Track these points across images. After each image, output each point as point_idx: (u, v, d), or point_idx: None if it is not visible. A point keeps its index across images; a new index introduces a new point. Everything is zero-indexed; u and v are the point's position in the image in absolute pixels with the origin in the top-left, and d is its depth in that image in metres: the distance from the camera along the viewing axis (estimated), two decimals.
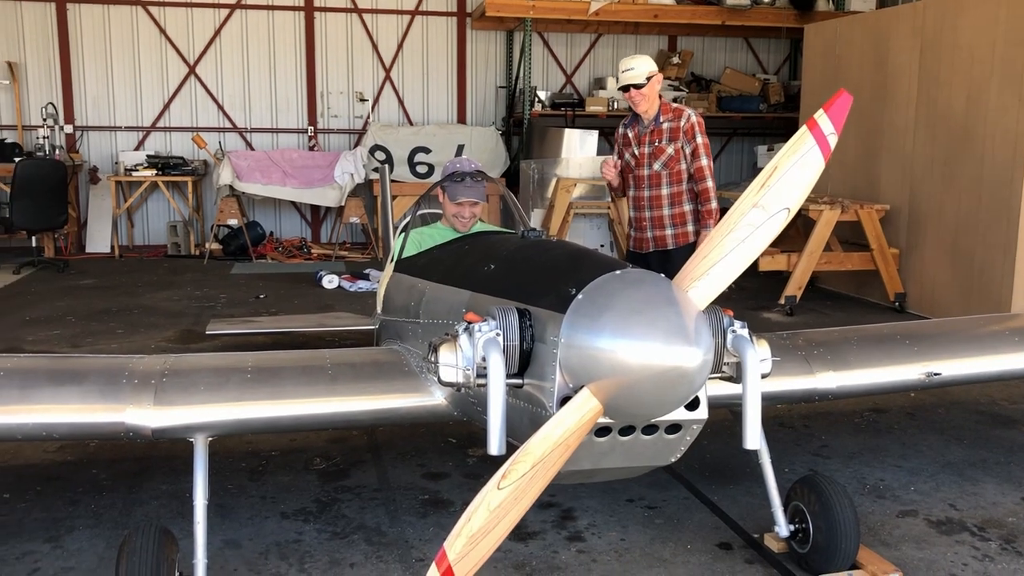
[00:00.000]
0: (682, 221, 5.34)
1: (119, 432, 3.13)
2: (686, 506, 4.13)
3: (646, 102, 5.27)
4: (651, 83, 5.23)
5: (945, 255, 7.99)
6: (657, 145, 5.29)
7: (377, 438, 4.94)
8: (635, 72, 5.21)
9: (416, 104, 12.79)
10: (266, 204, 12.18)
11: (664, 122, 5.29)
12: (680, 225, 5.35)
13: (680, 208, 5.33)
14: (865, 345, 3.91)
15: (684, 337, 2.27)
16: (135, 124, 12.10)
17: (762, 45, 13.67)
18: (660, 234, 5.38)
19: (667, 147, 5.27)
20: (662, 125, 5.29)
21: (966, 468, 4.63)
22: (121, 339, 7.09)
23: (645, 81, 5.21)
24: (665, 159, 5.28)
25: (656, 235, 5.39)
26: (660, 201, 5.34)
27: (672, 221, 5.35)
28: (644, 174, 5.35)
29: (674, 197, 5.31)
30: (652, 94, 5.27)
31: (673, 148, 5.26)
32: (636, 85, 5.20)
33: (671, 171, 5.29)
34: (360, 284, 9.32)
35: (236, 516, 3.94)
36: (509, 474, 2.29)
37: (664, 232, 5.37)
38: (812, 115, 2.51)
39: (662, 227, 5.37)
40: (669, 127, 5.27)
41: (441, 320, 3.32)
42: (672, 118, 5.28)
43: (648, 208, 5.39)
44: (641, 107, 5.29)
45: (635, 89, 5.21)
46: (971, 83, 7.64)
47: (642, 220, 5.45)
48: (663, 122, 5.29)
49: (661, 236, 5.38)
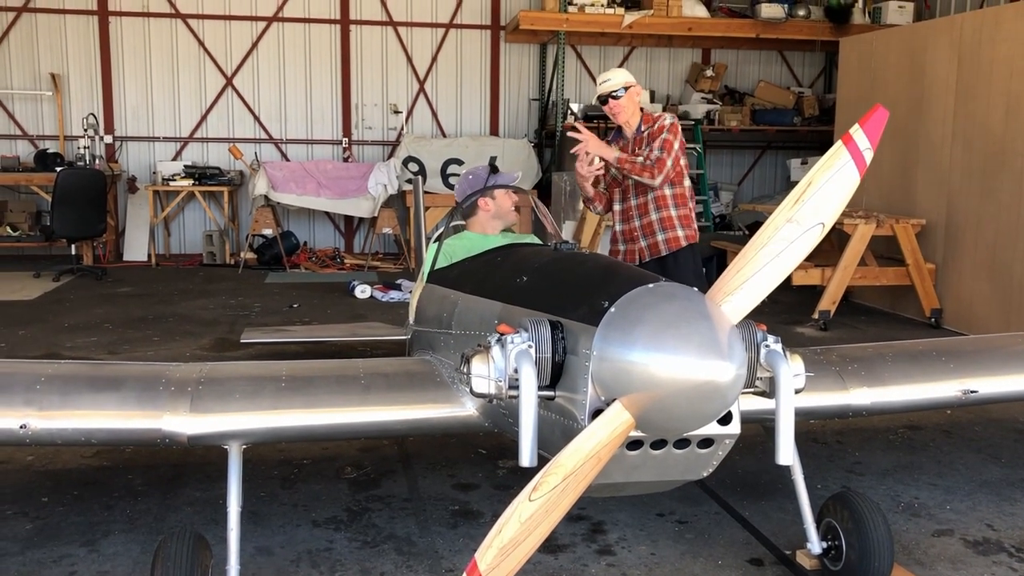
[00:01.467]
0: (671, 225, 5.25)
1: (156, 439, 3.17)
2: (717, 521, 4.10)
3: (625, 113, 5.24)
4: (629, 94, 5.21)
5: (983, 270, 7.88)
6: (638, 152, 5.23)
7: (408, 448, 4.96)
8: (611, 83, 5.20)
9: (449, 116, 12.87)
10: (300, 214, 12.31)
11: (645, 130, 5.25)
12: (669, 229, 5.25)
13: (668, 212, 5.25)
14: (900, 361, 3.87)
15: (717, 351, 2.27)
16: (173, 135, 12.29)
17: (797, 58, 13.60)
18: (653, 241, 5.27)
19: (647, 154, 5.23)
20: (643, 133, 5.25)
21: (1004, 487, 4.55)
22: (157, 346, 7.18)
23: (622, 91, 5.18)
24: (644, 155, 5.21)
25: (650, 243, 5.28)
26: (647, 207, 5.25)
27: (661, 226, 5.25)
28: (631, 184, 5.28)
29: (659, 200, 5.23)
30: (631, 105, 5.24)
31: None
32: (614, 95, 5.18)
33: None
34: (392, 294, 9.37)
35: (268, 523, 3.97)
36: (540, 486, 2.29)
37: (656, 239, 5.27)
38: (848, 129, 2.50)
39: (653, 234, 5.27)
40: (648, 133, 5.23)
41: (473, 331, 3.33)
42: (651, 124, 5.25)
43: (637, 217, 5.29)
44: (620, 118, 5.26)
45: (613, 100, 5.19)
46: (1009, 96, 7.54)
47: (632, 231, 5.34)
48: (644, 131, 5.25)
49: (654, 243, 5.27)
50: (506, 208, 4.54)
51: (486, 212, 4.53)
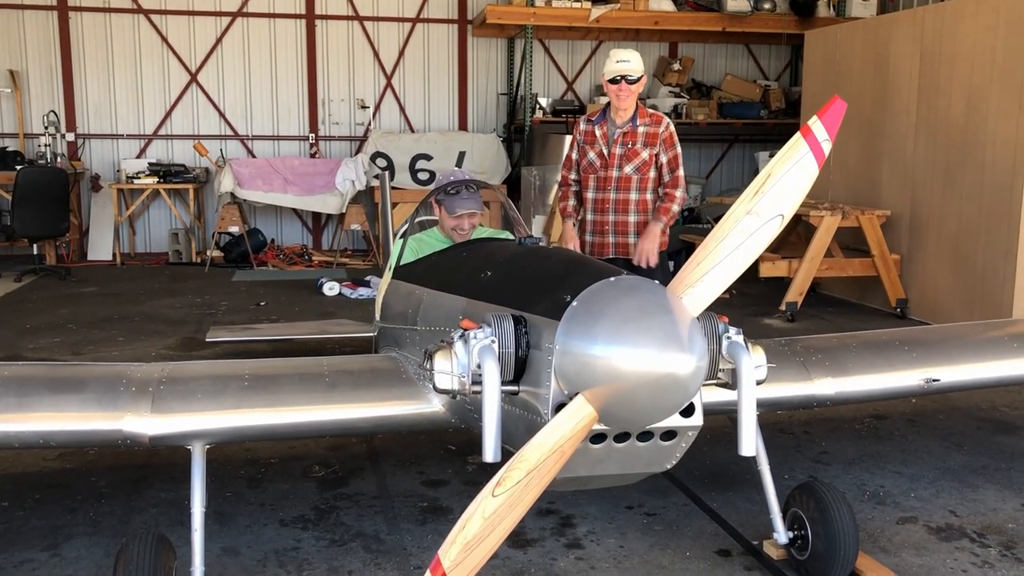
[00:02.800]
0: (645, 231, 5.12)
1: (117, 440, 3.13)
2: (685, 513, 4.12)
3: (631, 99, 5.03)
4: (641, 82, 5.03)
5: (946, 261, 7.98)
6: (631, 147, 5.07)
7: (376, 445, 4.93)
8: (631, 66, 4.95)
9: (417, 111, 12.81)
10: (267, 211, 12.20)
11: (641, 125, 5.07)
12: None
13: (645, 216, 5.12)
14: (864, 351, 3.90)
15: (678, 344, 2.27)
16: (137, 132, 12.12)
17: (763, 51, 13.68)
18: (623, 241, 5.15)
19: (642, 151, 5.05)
20: (638, 128, 5.07)
21: (967, 475, 4.61)
22: (122, 346, 7.09)
23: (638, 77, 4.99)
24: (638, 163, 5.06)
25: (619, 241, 5.16)
26: (627, 206, 5.11)
27: (637, 229, 5.12)
28: (612, 175, 5.10)
29: (640, 204, 5.11)
30: (637, 93, 5.06)
31: (648, 153, 5.05)
32: (630, 79, 4.96)
33: (642, 176, 5.08)
34: (361, 291, 9.32)
35: (234, 523, 3.93)
36: (504, 481, 2.28)
37: (627, 240, 5.14)
38: (805, 123, 2.51)
39: (625, 234, 5.14)
40: (645, 131, 5.07)
41: (438, 327, 3.32)
42: (650, 123, 5.07)
43: (612, 211, 5.14)
44: (624, 103, 5.02)
45: (627, 83, 4.96)
46: (971, 90, 7.64)
47: (603, 224, 5.17)
48: (639, 125, 5.07)
49: (623, 243, 5.15)
50: (447, 225, 4.38)
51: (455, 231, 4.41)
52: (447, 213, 4.34)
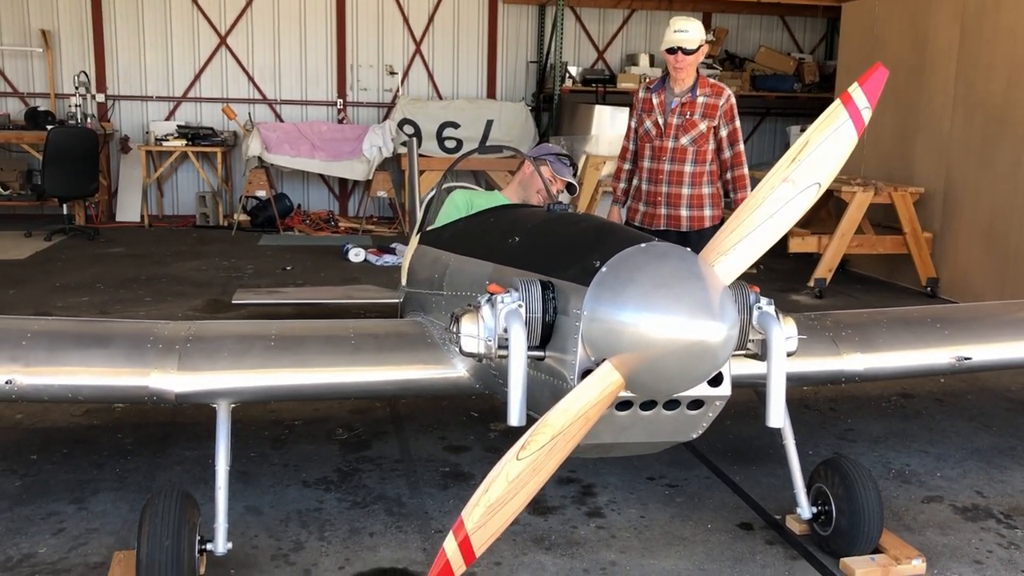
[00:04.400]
0: (699, 204, 5.04)
1: (143, 396, 3.15)
2: (707, 485, 4.10)
3: (688, 70, 4.92)
4: (700, 51, 4.90)
5: (980, 240, 7.85)
6: (689, 118, 4.97)
7: (399, 410, 4.95)
8: (689, 36, 4.82)
9: (446, 78, 12.72)
10: (294, 176, 12.21)
11: (701, 96, 4.96)
12: (697, 208, 5.04)
13: (699, 190, 5.03)
14: (894, 328, 3.85)
15: (709, 311, 2.24)
16: (166, 94, 12.14)
17: (798, 24, 13.45)
18: (675, 214, 5.06)
19: (700, 123, 4.95)
20: (697, 99, 4.96)
21: (994, 455, 4.56)
22: (149, 307, 7.15)
23: (696, 48, 4.86)
24: (695, 135, 4.96)
25: (671, 214, 5.07)
26: (681, 178, 5.01)
27: (690, 202, 5.02)
28: (668, 146, 5.01)
29: (696, 177, 5.01)
30: (697, 63, 4.94)
31: (706, 125, 4.95)
32: (686, 50, 4.84)
33: (699, 148, 4.98)
34: (386, 258, 9.32)
35: (258, 483, 3.96)
36: (528, 445, 2.27)
37: (679, 212, 5.05)
38: (845, 90, 2.45)
39: (678, 207, 5.05)
40: (705, 102, 4.96)
41: (465, 292, 3.30)
42: (711, 94, 4.96)
43: (666, 183, 5.05)
44: (683, 74, 4.93)
45: (683, 53, 4.84)
46: (1012, 65, 7.46)
47: (656, 195, 5.09)
48: (699, 96, 4.96)
49: (675, 216, 5.06)
50: (531, 184, 4.54)
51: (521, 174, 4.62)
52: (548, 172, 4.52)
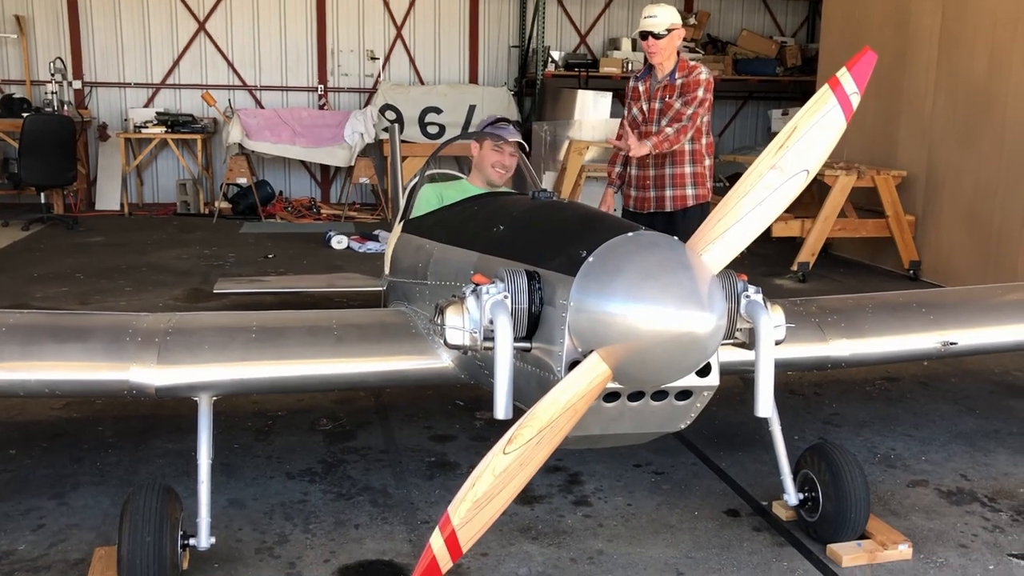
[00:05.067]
0: (681, 183, 5.14)
1: (123, 390, 3.10)
2: (694, 472, 4.10)
3: (662, 54, 5.04)
4: (671, 36, 5.01)
5: (962, 223, 7.87)
6: (667, 101, 5.07)
7: (384, 400, 4.91)
8: (656, 21, 4.99)
9: (427, 63, 12.63)
10: (275, 163, 12.10)
11: (679, 79, 5.06)
12: (679, 187, 5.14)
13: (681, 168, 5.12)
14: (880, 313, 3.84)
15: (697, 302, 2.21)
16: (144, 81, 11.98)
17: (780, 7, 13.43)
18: (660, 194, 5.18)
19: (675, 102, 5.04)
20: (676, 81, 5.06)
21: (978, 438, 4.58)
22: (129, 296, 7.07)
23: (665, 32, 4.98)
24: (672, 115, 5.05)
25: (658, 195, 5.19)
26: (662, 159, 5.12)
27: (672, 181, 5.14)
28: (651, 131, 5.12)
29: (677, 156, 5.10)
30: (670, 47, 5.04)
31: (681, 103, 5.04)
32: (655, 34, 4.99)
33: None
34: (369, 245, 9.26)
35: (241, 476, 3.92)
36: (515, 439, 2.24)
37: (663, 192, 5.17)
38: (833, 75, 2.42)
39: (662, 187, 5.16)
40: (682, 83, 5.05)
41: (449, 282, 3.26)
42: (686, 74, 5.05)
43: (652, 166, 5.16)
44: (656, 59, 5.07)
45: (653, 38, 4.99)
46: (993, 46, 7.47)
47: (645, 179, 5.22)
48: (678, 79, 5.06)
49: (661, 196, 5.18)
50: (486, 161, 4.29)
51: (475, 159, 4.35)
52: (491, 145, 4.27)
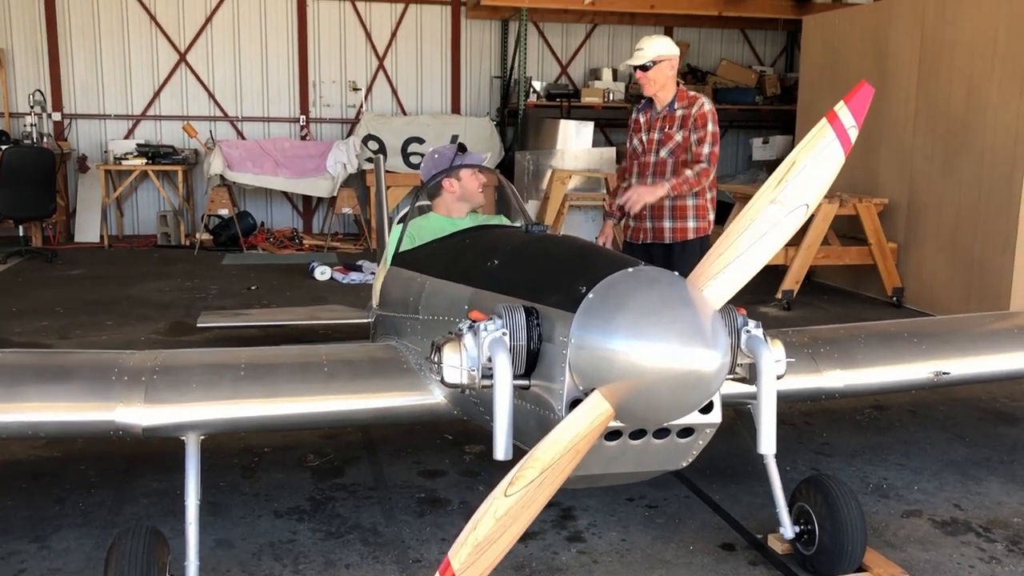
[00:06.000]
0: (682, 215, 5.09)
1: (109, 431, 3.04)
2: (687, 505, 4.05)
3: (652, 86, 5.04)
4: (659, 67, 4.99)
5: (944, 250, 7.93)
6: (666, 131, 5.05)
7: (372, 435, 4.84)
8: (641, 53, 5.01)
9: (410, 94, 12.66)
10: (257, 194, 12.05)
11: (678, 109, 5.04)
12: (680, 219, 5.10)
13: (683, 200, 5.07)
14: (872, 343, 3.84)
15: (702, 339, 2.19)
16: (125, 112, 11.93)
17: (758, 37, 13.58)
18: (659, 225, 5.14)
19: (676, 134, 5.02)
20: (675, 112, 5.04)
21: (970, 467, 4.56)
22: (111, 331, 6.97)
23: (650, 64, 4.98)
24: (672, 146, 5.04)
25: (655, 226, 5.15)
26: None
27: (672, 213, 5.09)
28: (650, 161, 5.13)
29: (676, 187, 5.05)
30: (660, 78, 5.03)
31: (682, 136, 5.01)
32: (641, 67, 5.01)
33: (676, 160, 5.05)
34: (353, 276, 9.21)
35: (228, 515, 3.84)
36: (516, 481, 2.20)
37: (662, 224, 5.13)
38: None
39: (661, 218, 5.12)
40: (682, 114, 5.02)
41: (442, 316, 3.22)
42: (686, 105, 5.02)
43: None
44: (648, 90, 5.08)
45: (640, 71, 5.02)
46: (972, 77, 7.57)
47: (643, 209, 5.15)
48: (677, 109, 5.04)
49: (659, 228, 5.14)
50: (472, 190, 4.33)
51: (451, 194, 4.33)
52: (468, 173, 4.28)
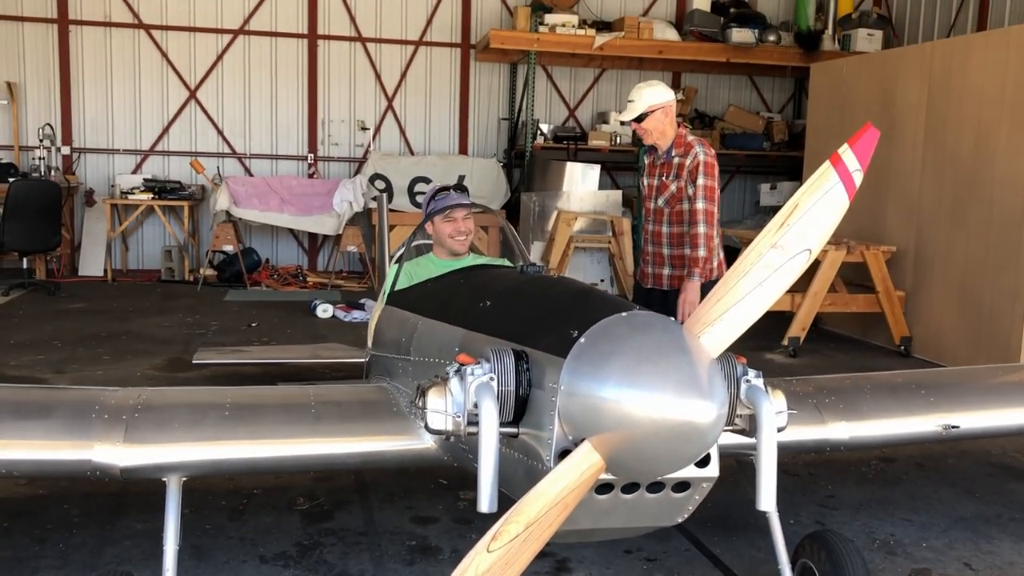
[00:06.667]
0: (680, 264, 5.00)
1: (85, 470, 2.94)
2: (687, 559, 3.92)
3: (650, 135, 4.98)
4: (653, 116, 4.90)
5: (952, 299, 7.82)
6: (663, 180, 5.01)
7: (364, 478, 4.72)
8: (633, 105, 4.93)
9: (418, 134, 12.69)
10: (263, 231, 12.03)
11: (675, 156, 4.97)
12: (679, 268, 5.00)
13: (679, 250, 5.00)
14: (878, 394, 3.73)
15: (698, 389, 2.09)
16: (133, 147, 11.98)
17: (766, 83, 13.61)
18: (659, 272, 5.12)
19: (671, 184, 4.96)
20: (673, 159, 4.98)
21: (979, 524, 4.42)
22: (107, 366, 6.89)
23: (643, 115, 4.90)
24: (668, 196, 4.99)
25: (655, 272, 5.14)
26: (660, 239, 5.08)
27: (671, 262, 5.05)
28: (651, 207, 5.11)
29: (673, 237, 5.02)
30: (656, 128, 4.94)
31: (676, 186, 4.94)
32: (636, 119, 4.94)
33: (672, 210, 5.00)
34: (355, 314, 9.13)
35: (212, 559, 3.72)
36: (500, 536, 2.08)
37: (662, 271, 5.11)
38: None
39: (661, 265, 5.11)
40: (678, 163, 4.95)
41: (432, 358, 3.13)
42: (682, 153, 4.94)
43: (652, 243, 5.14)
44: (647, 140, 5.04)
45: (635, 123, 4.96)
46: (980, 125, 7.52)
47: (647, 254, 5.21)
48: (674, 156, 4.98)
49: (659, 274, 5.12)
50: (442, 234, 4.20)
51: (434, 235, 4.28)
52: (441, 219, 4.16)
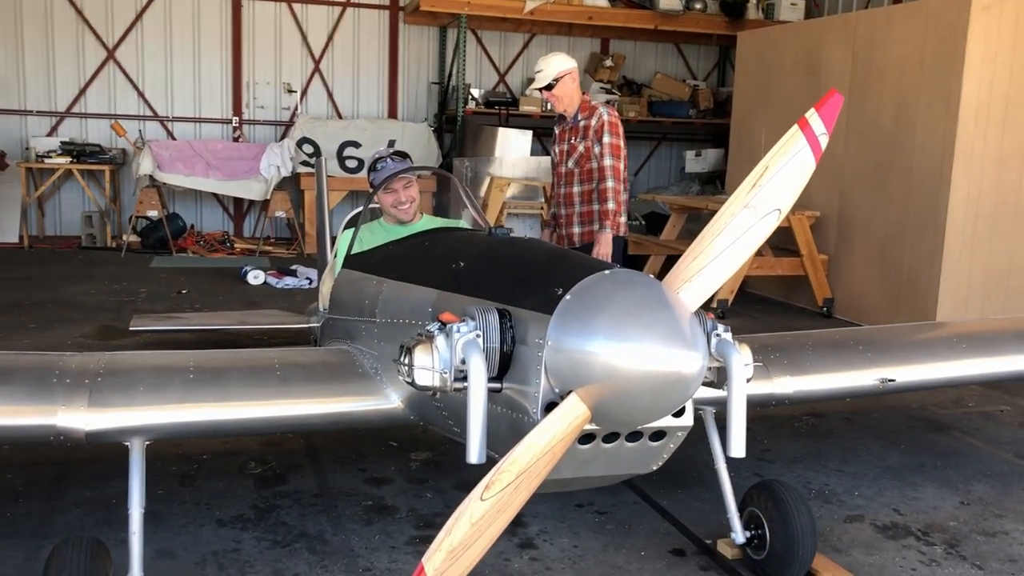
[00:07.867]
0: (588, 219, 5.36)
1: (49, 435, 2.89)
2: (636, 511, 4.06)
3: (560, 102, 5.30)
4: (561, 83, 5.23)
5: (873, 262, 8.16)
6: (571, 143, 5.34)
7: (314, 441, 4.74)
8: (542, 74, 5.25)
9: (346, 97, 12.51)
10: (187, 196, 11.74)
11: (581, 120, 5.31)
12: (587, 223, 5.36)
13: (588, 207, 5.35)
14: (820, 350, 3.91)
15: (683, 341, 2.19)
16: (48, 109, 11.50)
17: (692, 51, 13.82)
18: (570, 231, 5.42)
19: (579, 145, 5.30)
20: (579, 123, 5.32)
21: (905, 473, 4.68)
22: (35, 334, 6.69)
23: (553, 82, 5.21)
24: (576, 157, 5.32)
25: (568, 232, 5.43)
26: (571, 199, 5.38)
27: (580, 219, 5.37)
28: (562, 171, 5.42)
29: (584, 195, 5.34)
30: (565, 94, 5.27)
31: (584, 146, 5.28)
32: (546, 87, 5.25)
33: (581, 169, 5.32)
34: (287, 280, 9.04)
35: (169, 524, 3.70)
36: (493, 485, 2.16)
37: (572, 230, 5.41)
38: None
39: (571, 224, 5.40)
40: (584, 125, 5.29)
41: (403, 320, 3.16)
42: (587, 116, 5.29)
43: (564, 205, 5.44)
44: (559, 107, 5.34)
45: (545, 91, 5.27)
46: (900, 95, 7.81)
47: (560, 217, 5.51)
48: (580, 120, 5.32)
49: (571, 234, 5.42)
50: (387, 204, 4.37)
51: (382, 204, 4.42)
52: (382, 191, 4.33)
